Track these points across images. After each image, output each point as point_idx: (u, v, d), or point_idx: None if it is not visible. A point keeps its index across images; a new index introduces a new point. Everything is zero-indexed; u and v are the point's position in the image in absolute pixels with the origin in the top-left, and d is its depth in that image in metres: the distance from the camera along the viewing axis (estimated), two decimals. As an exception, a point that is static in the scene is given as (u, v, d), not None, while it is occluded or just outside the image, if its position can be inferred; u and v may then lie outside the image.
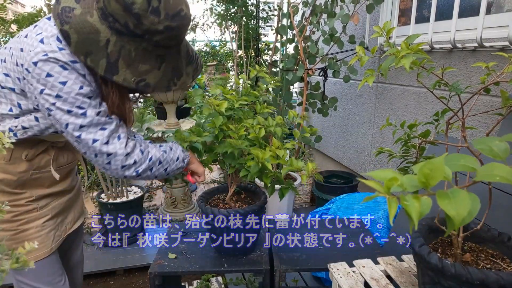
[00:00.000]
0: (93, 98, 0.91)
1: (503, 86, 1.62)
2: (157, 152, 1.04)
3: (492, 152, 0.61)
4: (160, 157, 1.04)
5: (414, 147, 1.31)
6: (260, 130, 1.22)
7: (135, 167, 0.98)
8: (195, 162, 1.20)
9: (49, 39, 0.86)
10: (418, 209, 0.50)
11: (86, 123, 0.90)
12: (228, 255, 1.41)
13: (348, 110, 3.10)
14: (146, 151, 1.01)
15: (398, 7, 2.46)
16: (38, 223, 1.07)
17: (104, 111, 0.93)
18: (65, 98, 0.87)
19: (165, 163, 1.05)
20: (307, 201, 3.28)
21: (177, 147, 1.12)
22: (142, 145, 1.03)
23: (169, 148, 1.09)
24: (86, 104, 0.89)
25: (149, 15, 0.82)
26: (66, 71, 0.85)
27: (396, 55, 0.87)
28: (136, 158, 0.98)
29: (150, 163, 1.01)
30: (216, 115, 1.20)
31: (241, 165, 1.21)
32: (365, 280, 1.08)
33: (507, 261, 0.90)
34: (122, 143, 0.95)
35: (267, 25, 3.98)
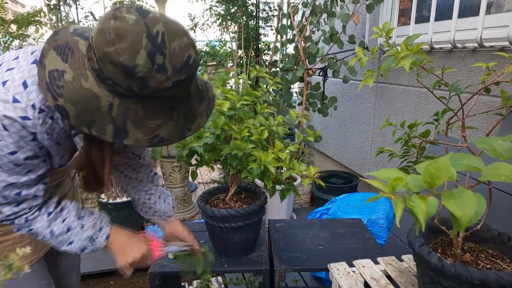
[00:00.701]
0: (20, 166, 0.80)
1: (503, 86, 1.62)
2: (43, 228, 0.91)
3: (495, 151, 0.60)
4: (44, 235, 0.92)
5: (414, 147, 1.31)
6: (263, 132, 1.22)
7: (15, 227, 0.90)
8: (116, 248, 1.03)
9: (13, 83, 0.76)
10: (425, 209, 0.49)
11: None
12: (228, 255, 1.41)
13: (348, 110, 3.10)
14: (32, 221, 0.89)
15: (398, 7, 2.46)
16: (16, 234, 0.99)
17: (20, 183, 0.82)
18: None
19: (48, 242, 0.94)
20: (307, 201, 3.28)
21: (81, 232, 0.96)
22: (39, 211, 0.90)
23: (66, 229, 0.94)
24: (6, 167, 0.79)
25: (154, 75, 0.69)
26: (6, 132, 0.75)
27: (396, 56, 0.87)
28: (17, 221, 0.89)
29: (31, 233, 0.91)
30: (218, 115, 1.21)
31: (243, 166, 1.22)
32: (365, 280, 1.08)
33: (507, 261, 0.90)
34: (10, 211, 0.86)
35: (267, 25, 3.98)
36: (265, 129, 1.23)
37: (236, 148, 1.17)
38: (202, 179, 3.93)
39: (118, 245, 1.02)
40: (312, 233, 1.62)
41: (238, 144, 1.16)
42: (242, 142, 1.17)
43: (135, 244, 1.03)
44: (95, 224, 0.98)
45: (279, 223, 1.73)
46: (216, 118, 1.22)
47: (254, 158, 1.17)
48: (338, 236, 1.58)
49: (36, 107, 0.77)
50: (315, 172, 1.07)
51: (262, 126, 1.26)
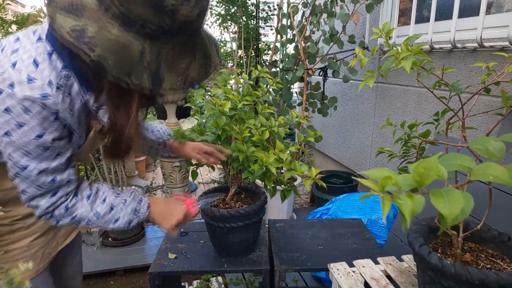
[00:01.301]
0: (49, 149, 0.80)
1: (503, 86, 1.62)
2: (87, 212, 0.91)
3: (488, 152, 0.61)
4: (89, 218, 0.92)
5: (414, 147, 1.31)
6: (264, 133, 1.22)
7: (55, 219, 0.89)
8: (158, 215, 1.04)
9: (23, 63, 0.74)
10: (411, 207, 0.50)
11: (23, 174, 0.80)
12: (228, 255, 1.41)
13: (348, 110, 3.10)
14: (73, 208, 0.90)
15: (398, 7, 2.46)
16: (24, 242, 0.99)
17: (52, 169, 0.82)
18: (14, 139, 0.76)
19: (95, 224, 0.94)
20: (307, 201, 3.28)
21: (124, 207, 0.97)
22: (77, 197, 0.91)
23: (109, 208, 0.94)
24: (35, 152, 0.78)
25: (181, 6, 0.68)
26: (28, 115, 0.74)
27: (396, 57, 0.87)
28: (57, 212, 0.88)
29: (74, 220, 0.91)
30: (219, 115, 1.20)
31: (244, 166, 1.22)
32: (365, 280, 1.08)
33: (507, 261, 0.90)
34: (50, 201, 0.86)
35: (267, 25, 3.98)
36: (266, 130, 1.23)
37: (237, 150, 1.17)
38: (202, 179, 3.93)
39: (159, 212, 1.03)
40: (312, 233, 1.62)
41: (239, 146, 1.16)
42: (243, 144, 1.17)
43: (173, 208, 1.05)
44: (134, 197, 0.99)
45: (279, 223, 1.73)
46: (217, 118, 1.22)
47: (255, 159, 1.17)
48: (338, 236, 1.58)
49: (53, 84, 0.75)
50: (316, 173, 1.07)
51: (263, 126, 1.26)
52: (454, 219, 0.49)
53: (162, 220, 1.03)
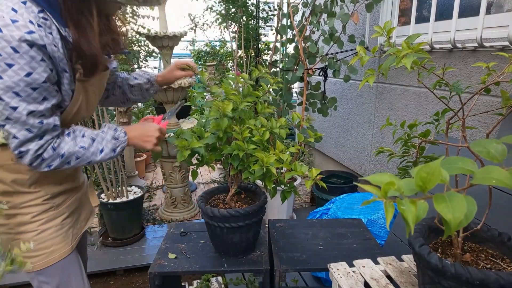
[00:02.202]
0: (38, 90, 0.87)
1: (503, 86, 1.62)
2: (73, 147, 0.99)
3: (489, 154, 0.61)
4: (77, 153, 0.99)
5: (414, 147, 1.31)
6: (264, 133, 1.22)
7: (46, 163, 0.95)
8: (137, 139, 1.12)
9: (3, 12, 0.82)
10: (415, 213, 0.50)
11: (13, 118, 0.87)
12: (228, 255, 1.41)
13: (348, 110, 3.10)
14: (59, 147, 0.96)
15: (398, 7, 2.46)
16: (57, 221, 1.08)
17: (38, 111, 0.89)
18: (4, 81, 0.82)
19: (84, 157, 1.01)
20: (307, 201, 3.28)
21: (103, 138, 1.04)
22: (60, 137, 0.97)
23: (91, 140, 1.02)
24: (24, 94, 0.85)
25: None
26: (17, 54, 0.82)
27: (397, 55, 0.87)
28: (46, 155, 0.94)
29: (63, 158, 0.97)
30: (221, 118, 1.20)
31: (244, 166, 1.22)
32: (365, 280, 1.08)
33: (507, 261, 0.90)
34: (37, 145, 0.92)
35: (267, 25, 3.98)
36: (266, 130, 1.23)
37: (237, 149, 1.17)
38: (202, 179, 3.93)
39: (136, 135, 1.12)
40: (312, 233, 1.62)
41: (240, 144, 1.16)
42: (243, 143, 1.17)
43: (148, 128, 1.15)
44: (109, 127, 1.08)
45: (279, 223, 1.73)
46: (219, 120, 1.22)
47: (255, 159, 1.17)
48: (338, 236, 1.58)
49: (34, 23, 0.84)
50: (317, 174, 1.07)
51: (264, 127, 1.26)
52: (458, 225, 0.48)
53: (142, 142, 1.13)
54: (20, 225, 1.03)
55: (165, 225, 2.84)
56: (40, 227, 1.05)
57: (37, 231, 1.04)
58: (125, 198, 2.52)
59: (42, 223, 1.05)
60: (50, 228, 1.07)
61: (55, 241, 1.07)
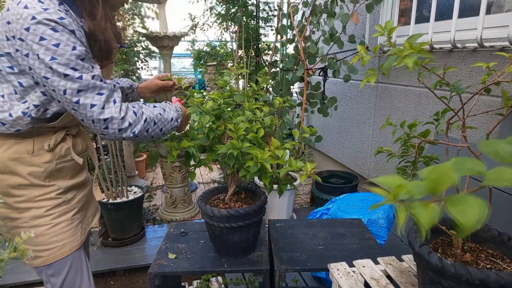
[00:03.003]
0: (86, 60, 0.93)
1: (504, 86, 1.62)
2: (151, 113, 1.06)
3: (498, 155, 0.59)
4: (155, 118, 1.07)
5: (413, 147, 1.31)
6: (259, 130, 1.22)
7: (131, 128, 1.00)
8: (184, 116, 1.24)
9: (31, 3, 0.87)
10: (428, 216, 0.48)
11: (83, 87, 0.92)
12: (228, 255, 1.41)
13: (348, 110, 3.10)
14: (139, 112, 1.03)
15: (398, 7, 2.46)
16: (68, 216, 1.11)
17: (97, 75, 0.95)
18: (60, 60, 0.88)
19: (159, 124, 1.08)
20: (307, 201, 3.28)
21: (170, 107, 1.15)
22: (136, 106, 1.04)
23: (163, 110, 1.11)
24: (80, 66, 0.91)
25: None
26: (57, 33, 0.87)
27: (398, 55, 0.87)
28: (131, 120, 0.99)
29: (145, 124, 1.03)
30: (202, 114, 1.22)
31: (240, 165, 1.22)
32: (365, 280, 1.08)
33: (507, 261, 0.90)
34: (117, 107, 0.97)
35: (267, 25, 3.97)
36: (261, 128, 1.24)
37: (232, 148, 1.17)
38: (202, 179, 3.93)
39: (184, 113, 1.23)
40: (312, 233, 1.62)
41: (234, 143, 1.17)
42: (238, 141, 1.17)
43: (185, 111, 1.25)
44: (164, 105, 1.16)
45: (279, 223, 1.73)
46: (201, 117, 1.24)
47: (251, 156, 1.17)
48: (338, 236, 1.58)
49: (62, 10, 0.91)
50: (312, 168, 1.07)
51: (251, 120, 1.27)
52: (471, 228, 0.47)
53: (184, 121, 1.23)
54: (34, 218, 1.05)
55: (165, 225, 2.85)
56: (53, 221, 1.08)
57: (50, 225, 1.07)
58: (125, 198, 2.52)
59: (54, 217, 1.08)
60: (62, 222, 1.09)
61: (66, 235, 1.10)
